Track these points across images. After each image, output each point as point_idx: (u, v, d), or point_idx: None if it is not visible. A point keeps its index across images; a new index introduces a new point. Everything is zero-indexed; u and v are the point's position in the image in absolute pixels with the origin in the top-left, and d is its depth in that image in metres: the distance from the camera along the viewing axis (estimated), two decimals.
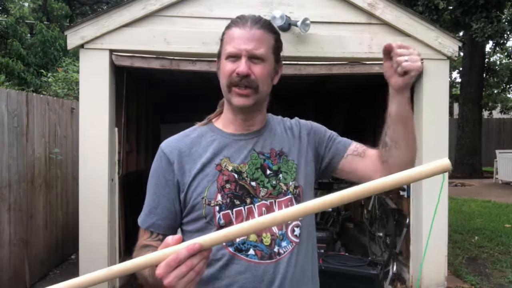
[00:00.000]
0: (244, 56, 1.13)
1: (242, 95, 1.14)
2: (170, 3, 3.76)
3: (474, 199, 9.44)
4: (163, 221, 1.16)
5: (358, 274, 3.37)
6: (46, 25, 12.75)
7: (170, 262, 0.83)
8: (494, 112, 19.22)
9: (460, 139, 13.35)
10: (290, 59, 3.89)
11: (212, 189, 1.13)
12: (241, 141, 1.20)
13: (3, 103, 3.74)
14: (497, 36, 9.01)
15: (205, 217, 1.12)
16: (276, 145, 1.22)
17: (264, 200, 1.15)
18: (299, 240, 1.17)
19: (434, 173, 0.85)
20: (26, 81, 10.08)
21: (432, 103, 4.09)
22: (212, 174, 1.14)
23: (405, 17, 3.98)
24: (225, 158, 1.17)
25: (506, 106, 18.88)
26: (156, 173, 1.18)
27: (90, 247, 3.74)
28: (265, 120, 1.26)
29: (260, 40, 1.15)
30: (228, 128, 1.22)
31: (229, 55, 1.14)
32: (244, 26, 1.15)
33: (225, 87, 1.15)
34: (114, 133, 3.91)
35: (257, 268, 1.11)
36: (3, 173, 3.73)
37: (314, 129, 1.30)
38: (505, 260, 5.20)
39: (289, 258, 1.14)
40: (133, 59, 3.79)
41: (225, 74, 1.14)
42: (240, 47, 1.13)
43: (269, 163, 1.19)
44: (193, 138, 1.20)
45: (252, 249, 1.12)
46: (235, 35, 1.14)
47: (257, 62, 1.14)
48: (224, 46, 1.16)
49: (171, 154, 1.17)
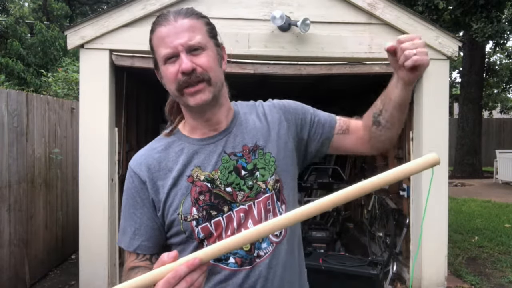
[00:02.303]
0: (181, 52, 1.02)
1: (197, 92, 1.04)
2: (170, 3, 3.76)
3: (474, 199, 9.44)
4: (149, 241, 1.11)
5: (358, 274, 3.38)
6: (46, 25, 12.75)
7: (170, 280, 0.81)
8: (494, 112, 19.25)
9: (460, 139, 13.35)
10: (290, 59, 3.90)
11: (187, 203, 1.07)
12: (209, 146, 1.11)
13: (3, 103, 3.74)
14: (497, 36, 9.01)
15: (184, 232, 1.08)
16: (249, 140, 1.13)
17: (242, 205, 1.08)
18: (279, 239, 1.12)
19: (424, 167, 0.87)
20: (26, 81, 10.07)
21: (432, 103, 4.09)
22: (184, 187, 1.08)
23: (405, 17, 3.98)
24: (196, 167, 1.09)
25: (506, 106, 18.91)
26: (130, 193, 1.12)
27: (90, 247, 3.74)
28: (231, 112, 1.16)
29: (191, 29, 1.04)
30: (194, 134, 1.13)
31: (166, 57, 1.04)
32: (167, 21, 1.04)
33: (176, 93, 1.05)
34: (114, 133, 3.91)
35: (237, 276, 1.07)
36: (3, 173, 3.73)
37: (293, 111, 1.21)
38: (505, 260, 5.20)
39: (270, 259, 1.10)
40: (133, 59, 3.79)
41: (170, 79, 1.04)
42: (173, 43, 1.02)
43: (242, 162, 1.11)
44: (160, 151, 1.12)
45: (232, 257, 1.08)
46: (163, 35, 1.04)
47: (198, 52, 1.04)
48: (157, 51, 1.06)
49: (141, 173, 1.10)
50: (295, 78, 4.34)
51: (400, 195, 4.71)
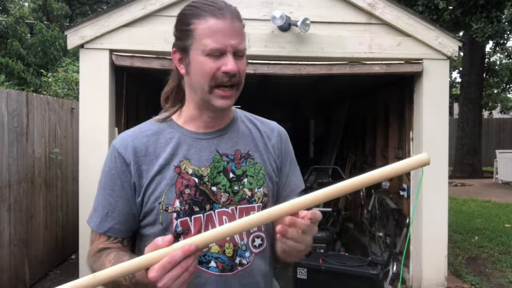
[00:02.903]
0: (229, 52, 1.01)
1: (226, 97, 1.04)
2: (170, 3, 3.76)
3: (474, 199, 9.44)
4: (122, 225, 1.07)
5: (358, 274, 3.37)
6: (46, 25, 12.75)
7: (165, 265, 0.81)
8: (494, 112, 19.25)
9: (460, 139, 13.35)
10: (290, 59, 3.89)
11: (170, 194, 1.04)
12: (202, 141, 1.10)
13: (3, 103, 3.74)
14: (497, 36, 9.01)
15: (161, 224, 1.05)
16: (242, 146, 1.13)
17: (225, 207, 1.07)
18: (259, 250, 1.11)
19: (414, 167, 0.90)
20: (26, 81, 10.07)
21: (432, 103, 4.09)
22: (170, 177, 1.05)
23: (405, 17, 3.98)
24: (185, 159, 1.07)
25: (506, 106, 18.91)
26: (110, 173, 1.07)
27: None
28: (231, 116, 1.16)
29: (241, 34, 1.04)
30: (189, 125, 1.11)
31: (212, 50, 1.00)
32: (224, 17, 1.01)
33: (206, 87, 1.03)
34: (114, 133, 3.91)
35: (217, 281, 1.06)
36: (3, 173, 3.73)
37: (287, 155, 1.21)
38: (505, 260, 5.20)
39: (251, 269, 1.09)
40: (133, 59, 3.79)
41: (208, 72, 1.01)
42: (226, 42, 1.00)
43: (232, 166, 1.09)
44: (149, 135, 1.09)
45: (213, 261, 1.06)
46: (217, 28, 1.00)
47: (239, 58, 1.04)
48: (201, 40, 1.01)
49: (126, 154, 1.06)
50: (295, 78, 4.34)
51: (400, 195, 4.71)
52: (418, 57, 4.03)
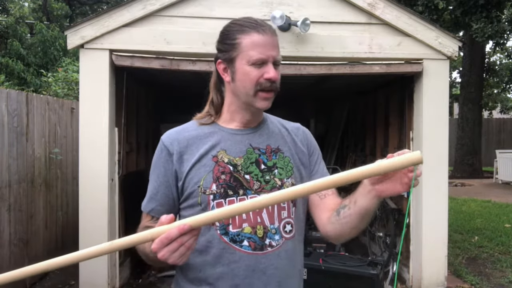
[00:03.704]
0: (270, 62, 1.19)
1: (267, 99, 1.21)
2: (170, 3, 3.76)
3: (474, 199, 9.44)
4: (162, 207, 1.24)
5: (358, 274, 3.37)
6: (46, 25, 12.75)
7: (163, 240, 0.96)
8: (494, 112, 19.25)
9: (460, 139, 13.35)
10: (290, 59, 3.89)
11: (208, 178, 1.19)
12: (237, 136, 1.26)
13: (3, 103, 3.74)
14: (497, 36, 9.01)
15: (200, 205, 1.19)
16: (272, 142, 1.28)
17: (256, 194, 1.20)
18: (289, 235, 1.23)
19: (406, 165, 0.93)
20: (26, 81, 10.07)
21: (432, 103, 4.09)
22: (208, 164, 1.21)
23: (405, 17, 3.98)
24: (222, 150, 1.23)
25: (506, 106, 18.91)
26: (157, 163, 1.26)
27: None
28: (262, 118, 1.33)
29: (278, 47, 1.23)
30: (228, 125, 1.28)
31: (257, 61, 1.18)
32: (265, 32, 1.20)
33: (251, 91, 1.20)
34: (114, 133, 3.91)
35: (249, 258, 1.18)
36: (3, 173, 3.73)
37: (313, 149, 1.35)
38: (505, 260, 5.20)
39: (280, 251, 1.21)
40: (133, 59, 3.79)
41: (252, 79, 1.18)
42: (268, 53, 1.18)
43: (264, 158, 1.25)
44: (191, 131, 1.27)
45: (246, 241, 1.18)
46: (261, 42, 1.18)
47: (277, 67, 1.22)
48: (247, 52, 1.18)
49: (171, 146, 1.24)
50: (295, 78, 4.34)
51: (400, 195, 4.71)
52: (418, 57, 4.03)
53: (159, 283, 4.50)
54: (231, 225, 1.18)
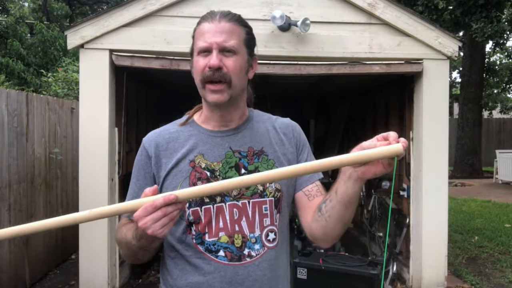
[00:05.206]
0: (214, 49, 1.11)
1: (216, 91, 1.12)
2: (170, 3, 3.76)
3: (474, 199, 9.44)
4: None
5: (358, 274, 3.37)
6: (46, 25, 12.75)
7: (147, 208, 0.93)
8: (494, 112, 19.25)
9: (460, 139, 13.35)
10: (290, 59, 3.89)
11: (184, 185, 1.14)
12: (216, 138, 1.19)
13: (3, 103, 3.74)
14: (497, 36, 9.01)
15: None
16: (255, 144, 1.20)
17: (235, 201, 1.14)
18: (272, 244, 1.16)
19: (385, 155, 0.92)
20: (26, 81, 10.07)
21: (432, 103, 4.09)
22: (185, 170, 1.16)
23: (405, 17, 3.98)
24: (199, 154, 1.17)
25: (506, 106, 18.91)
26: (137, 165, 1.22)
27: (90, 247, 3.74)
28: (245, 116, 1.24)
29: (230, 32, 1.14)
30: (207, 125, 1.22)
31: (200, 50, 1.12)
32: (213, 19, 1.15)
33: (200, 84, 1.14)
34: (114, 133, 3.91)
35: (225, 269, 1.12)
36: (3, 173, 3.73)
37: (302, 143, 1.26)
38: (505, 260, 5.20)
39: (260, 261, 1.14)
40: (133, 59, 3.79)
41: (198, 70, 1.13)
42: (210, 40, 1.11)
43: (244, 162, 1.17)
44: (172, 133, 1.22)
45: (223, 251, 1.13)
46: (205, 30, 1.14)
47: (229, 54, 1.12)
48: (195, 42, 1.16)
49: (150, 148, 1.20)
50: (295, 78, 4.34)
51: (400, 195, 4.71)
52: (418, 57, 4.03)
53: (159, 283, 4.50)
54: (207, 234, 1.13)
